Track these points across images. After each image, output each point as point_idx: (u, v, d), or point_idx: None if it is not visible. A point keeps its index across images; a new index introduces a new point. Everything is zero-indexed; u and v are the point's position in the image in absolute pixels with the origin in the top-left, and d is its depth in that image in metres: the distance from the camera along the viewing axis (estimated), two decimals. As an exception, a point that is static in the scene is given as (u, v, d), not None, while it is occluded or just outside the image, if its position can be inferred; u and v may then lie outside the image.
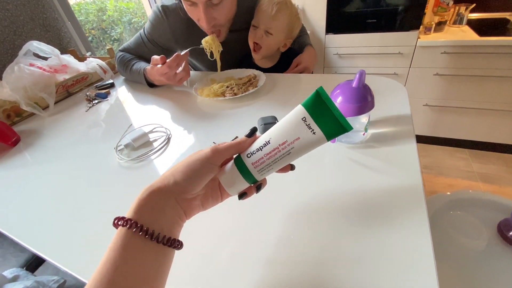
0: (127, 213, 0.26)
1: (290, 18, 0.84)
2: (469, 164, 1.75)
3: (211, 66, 0.99)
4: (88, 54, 1.29)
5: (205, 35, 0.81)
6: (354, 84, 0.44)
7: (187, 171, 0.28)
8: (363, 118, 0.48)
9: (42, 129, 0.77)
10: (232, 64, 0.92)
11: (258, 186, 0.32)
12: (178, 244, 0.27)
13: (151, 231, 0.24)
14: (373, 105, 0.45)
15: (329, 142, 0.46)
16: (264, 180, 0.33)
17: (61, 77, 0.93)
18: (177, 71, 0.73)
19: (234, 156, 0.31)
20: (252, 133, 0.31)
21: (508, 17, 1.59)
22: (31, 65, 0.85)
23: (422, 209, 0.36)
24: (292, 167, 0.32)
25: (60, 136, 0.72)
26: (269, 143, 0.29)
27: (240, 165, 0.30)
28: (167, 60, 0.71)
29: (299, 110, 0.28)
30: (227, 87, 0.76)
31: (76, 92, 0.98)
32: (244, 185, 0.31)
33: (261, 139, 0.30)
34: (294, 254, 0.34)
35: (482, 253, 0.55)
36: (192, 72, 1.02)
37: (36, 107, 0.81)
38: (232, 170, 0.31)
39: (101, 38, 2.33)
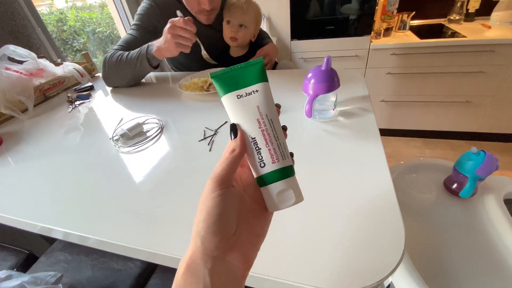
0: None
1: (256, 11, 1.00)
2: (422, 151, 1.98)
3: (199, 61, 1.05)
4: (59, 60, 1.27)
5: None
6: (323, 68, 0.54)
7: (206, 218, 0.21)
8: (332, 97, 0.58)
9: (23, 131, 0.77)
10: (212, 57, 1.03)
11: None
12: None
13: None
14: (339, 84, 0.56)
15: (306, 117, 0.52)
16: None
17: (37, 81, 0.93)
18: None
19: (258, 183, 0.25)
20: (235, 130, 0.25)
21: (443, 23, 1.87)
22: (7, 69, 0.84)
23: (384, 164, 0.46)
24: (284, 128, 0.27)
25: (45, 136, 0.72)
26: (255, 138, 0.25)
27: (271, 177, 0.24)
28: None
29: (226, 99, 0.26)
30: (210, 84, 0.83)
31: (53, 96, 0.98)
32: (295, 181, 0.26)
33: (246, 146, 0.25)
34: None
35: (434, 204, 0.68)
36: (175, 73, 1.08)
37: (16, 110, 0.81)
38: (275, 190, 0.24)
39: (62, 49, 2.25)
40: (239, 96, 0.25)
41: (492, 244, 0.60)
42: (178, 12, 0.79)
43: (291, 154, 0.26)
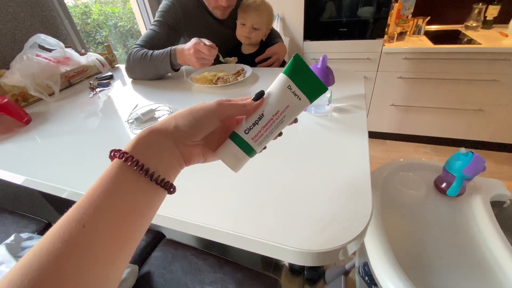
0: (125, 147, 0.25)
1: (270, 12, 1.05)
2: (431, 157, 1.97)
3: None
4: (83, 51, 1.37)
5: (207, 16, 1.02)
6: (318, 66, 0.58)
7: (189, 118, 0.28)
8: (327, 93, 0.62)
9: (49, 112, 0.85)
10: (223, 54, 1.09)
11: None
12: (171, 188, 0.27)
13: (146, 168, 0.24)
14: (334, 81, 0.60)
15: (303, 111, 0.58)
16: None
17: (63, 69, 1.02)
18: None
19: (230, 135, 0.31)
20: (259, 97, 0.30)
21: (460, 29, 1.85)
22: (38, 55, 0.93)
23: (365, 154, 0.50)
24: (280, 133, 0.33)
25: (68, 118, 0.80)
26: (263, 115, 0.30)
27: (240, 142, 0.30)
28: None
29: (283, 79, 0.30)
30: (218, 78, 0.89)
31: (77, 82, 1.06)
32: (246, 160, 0.31)
33: (254, 113, 0.30)
34: (280, 183, 0.47)
35: (422, 201, 0.71)
36: (189, 67, 1.15)
37: (43, 93, 0.89)
38: (232, 149, 0.30)
39: (85, 41, 2.38)
40: (289, 87, 0.30)
41: (475, 243, 0.62)
42: (207, 41, 0.84)
43: (264, 147, 0.33)
